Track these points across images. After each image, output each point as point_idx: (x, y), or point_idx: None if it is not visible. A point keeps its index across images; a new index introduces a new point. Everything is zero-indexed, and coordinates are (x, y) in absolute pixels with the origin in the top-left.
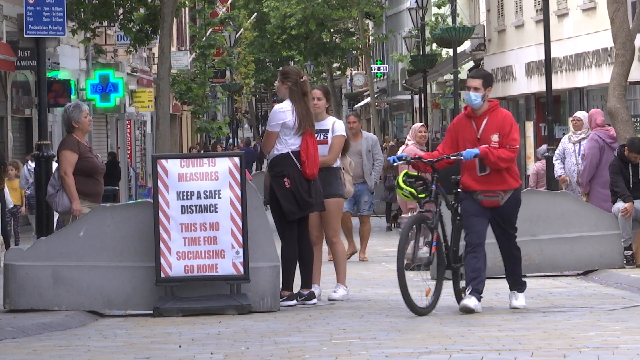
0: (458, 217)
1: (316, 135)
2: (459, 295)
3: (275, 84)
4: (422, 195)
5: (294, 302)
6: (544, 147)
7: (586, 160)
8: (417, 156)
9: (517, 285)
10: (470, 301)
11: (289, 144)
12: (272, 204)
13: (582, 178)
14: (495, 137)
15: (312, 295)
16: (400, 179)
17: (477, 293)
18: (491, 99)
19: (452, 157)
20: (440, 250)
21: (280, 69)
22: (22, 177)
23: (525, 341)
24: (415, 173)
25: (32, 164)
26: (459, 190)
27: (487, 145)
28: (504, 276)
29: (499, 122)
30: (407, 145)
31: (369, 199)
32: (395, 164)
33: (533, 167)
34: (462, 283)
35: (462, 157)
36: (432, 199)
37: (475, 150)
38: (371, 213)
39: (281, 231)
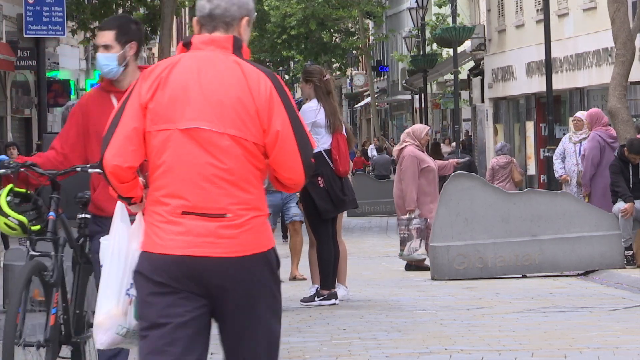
0: (85, 259)
1: None
2: None
3: (299, 85)
4: (36, 228)
5: (334, 301)
6: (501, 143)
7: (586, 159)
8: (29, 162)
9: None
10: None
11: (320, 142)
12: (306, 204)
13: (583, 178)
14: None
15: (332, 296)
16: (2, 198)
17: None
18: (146, 65)
19: (90, 170)
20: (67, 319)
21: (304, 67)
22: None
23: (525, 341)
24: (23, 190)
25: None
26: (87, 215)
27: None
28: (505, 276)
29: None
30: (404, 144)
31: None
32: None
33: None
34: None
35: None
36: (50, 235)
37: None
38: (303, 220)
39: (316, 231)
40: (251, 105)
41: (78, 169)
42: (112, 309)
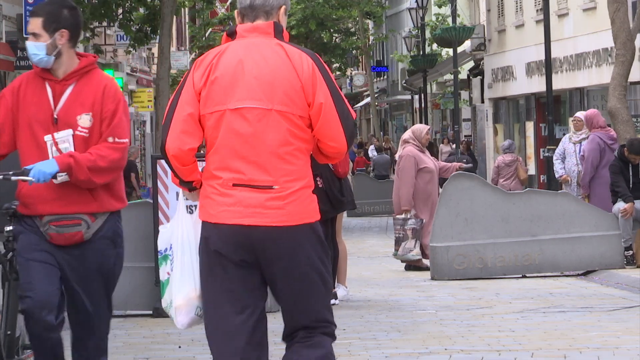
0: (15, 275)
1: None
2: None
3: None
4: None
5: (333, 301)
6: (508, 142)
7: (586, 161)
8: None
9: None
10: None
11: None
12: None
13: (582, 180)
14: (85, 120)
15: (332, 296)
16: None
17: None
18: (86, 53)
19: (13, 178)
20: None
21: None
22: None
23: (525, 341)
24: None
25: None
26: (15, 216)
27: (70, 153)
28: (505, 276)
29: (96, 94)
30: (405, 144)
31: None
32: None
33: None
34: None
35: (31, 179)
36: None
37: (52, 166)
38: None
39: None
40: (296, 82)
41: (0, 176)
42: (190, 292)
